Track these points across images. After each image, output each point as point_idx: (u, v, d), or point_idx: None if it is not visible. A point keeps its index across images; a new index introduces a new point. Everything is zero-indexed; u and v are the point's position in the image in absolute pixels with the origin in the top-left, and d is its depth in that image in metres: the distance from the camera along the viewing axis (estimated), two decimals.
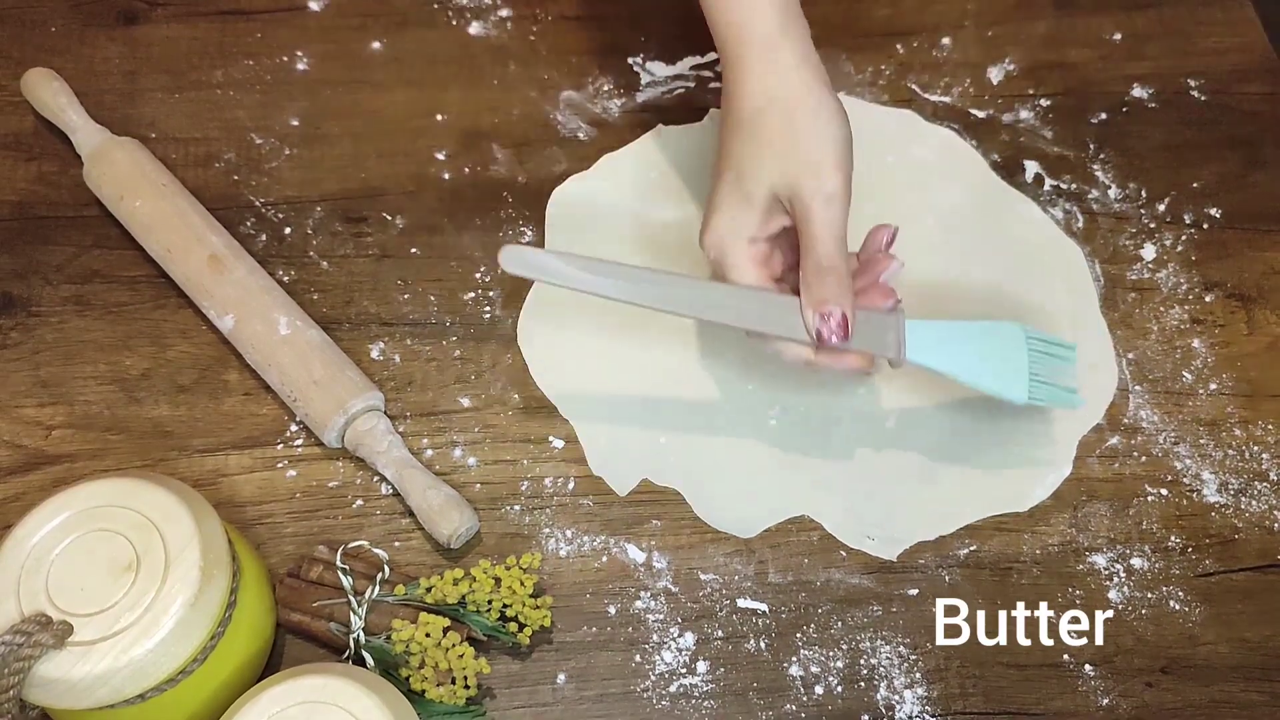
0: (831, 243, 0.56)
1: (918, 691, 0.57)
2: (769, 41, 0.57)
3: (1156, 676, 0.58)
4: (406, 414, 0.64)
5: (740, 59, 0.57)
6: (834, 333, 0.55)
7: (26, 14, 0.77)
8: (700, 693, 0.57)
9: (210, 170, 0.71)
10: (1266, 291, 0.69)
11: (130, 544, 0.49)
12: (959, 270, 0.70)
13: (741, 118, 0.57)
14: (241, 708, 0.48)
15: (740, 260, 0.56)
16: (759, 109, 0.56)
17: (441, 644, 0.54)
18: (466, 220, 0.70)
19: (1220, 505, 0.63)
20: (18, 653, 0.46)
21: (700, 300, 0.55)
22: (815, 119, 0.56)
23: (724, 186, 0.57)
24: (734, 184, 0.56)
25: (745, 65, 0.57)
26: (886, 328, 0.57)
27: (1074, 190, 0.73)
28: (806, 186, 0.55)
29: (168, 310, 0.66)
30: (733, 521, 0.62)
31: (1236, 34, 0.79)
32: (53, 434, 0.63)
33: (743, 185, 0.56)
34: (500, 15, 0.78)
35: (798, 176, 0.55)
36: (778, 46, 0.57)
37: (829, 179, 0.55)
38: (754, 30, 0.57)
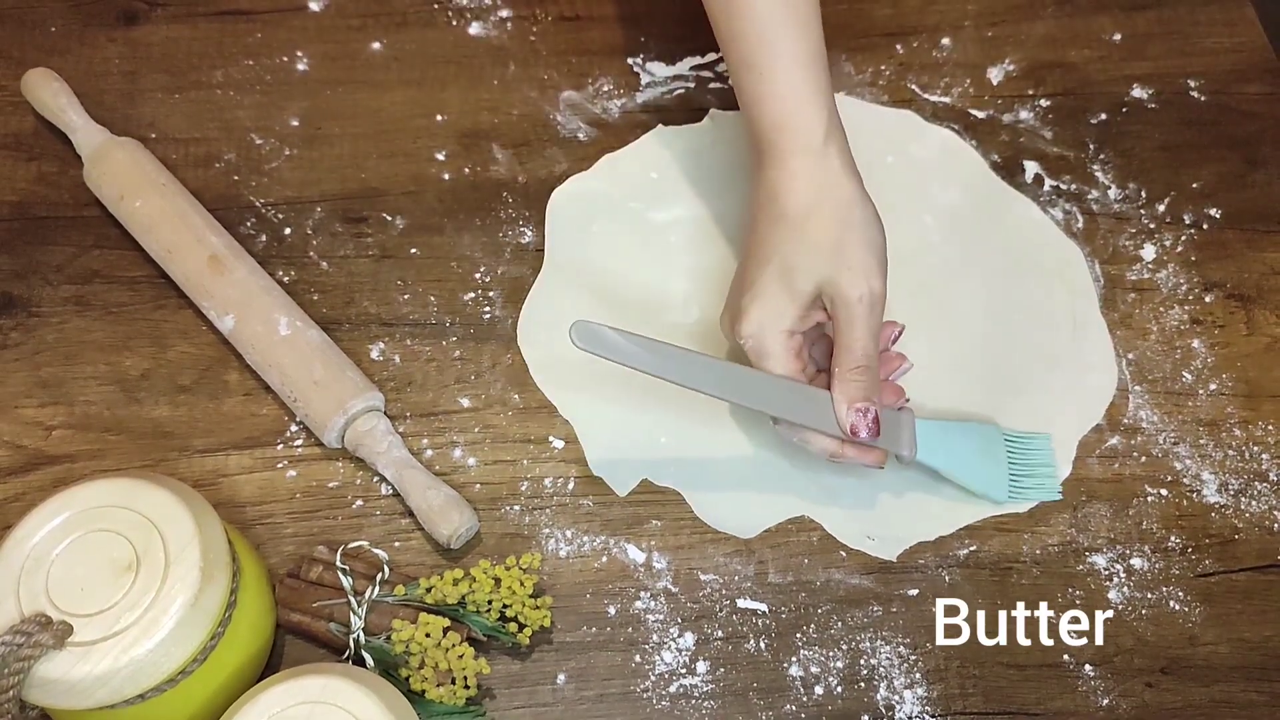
0: (871, 344, 0.58)
1: (918, 692, 0.57)
2: (819, 142, 0.59)
3: (1156, 677, 0.58)
4: (406, 414, 0.64)
5: (788, 155, 0.59)
6: (868, 429, 0.57)
7: (26, 14, 0.77)
8: (700, 693, 0.57)
9: (210, 170, 0.71)
10: (1266, 292, 0.69)
11: (130, 544, 0.49)
12: (959, 270, 0.70)
13: (790, 214, 0.58)
14: (241, 708, 0.48)
15: (778, 351, 0.58)
16: (810, 208, 0.58)
17: (441, 644, 0.54)
18: (466, 220, 0.70)
19: (1220, 505, 0.63)
20: (17, 653, 0.46)
21: (743, 387, 0.57)
22: (865, 225, 0.59)
23: (766, 277, 0.58)
24: (779, 277, 0.58)
25: (794, 164, 0.59)
26: (901, 426, 0.59)
27: (1074, 190, 0.73)
28: (854, 289, 0.57)
29: (168, 310, 0.66)
30: (733, 522, 0.62)
31: (1236, 34, 0.79)
32: (53, 434, 0.63)
33: (789, 279, 0.58)
34: (500, 15, 0.78)
35: (845, 278, 0.57)
36: (828, 148, 0.59)
37: (875, 283, 0.58)
38: (805, 130, 0.59)
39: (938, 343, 0.67)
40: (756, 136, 0.61)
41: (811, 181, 0.59)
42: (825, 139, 0.59)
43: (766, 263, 0.58)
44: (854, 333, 0.57)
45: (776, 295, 0.58)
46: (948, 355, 0.67)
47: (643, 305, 0.68)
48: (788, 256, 0.58)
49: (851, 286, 0.57)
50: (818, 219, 0.58)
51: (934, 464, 0.60)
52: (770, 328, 0.58)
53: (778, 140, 0.59)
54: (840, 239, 0.58)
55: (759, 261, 0.59)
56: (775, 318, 0.58)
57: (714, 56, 0.77)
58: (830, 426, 0.57)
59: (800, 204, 0.58)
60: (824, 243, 0.58)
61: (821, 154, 0.59)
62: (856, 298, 0.57)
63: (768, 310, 0.58)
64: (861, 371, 0.57)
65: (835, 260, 0.57)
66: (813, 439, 0.58)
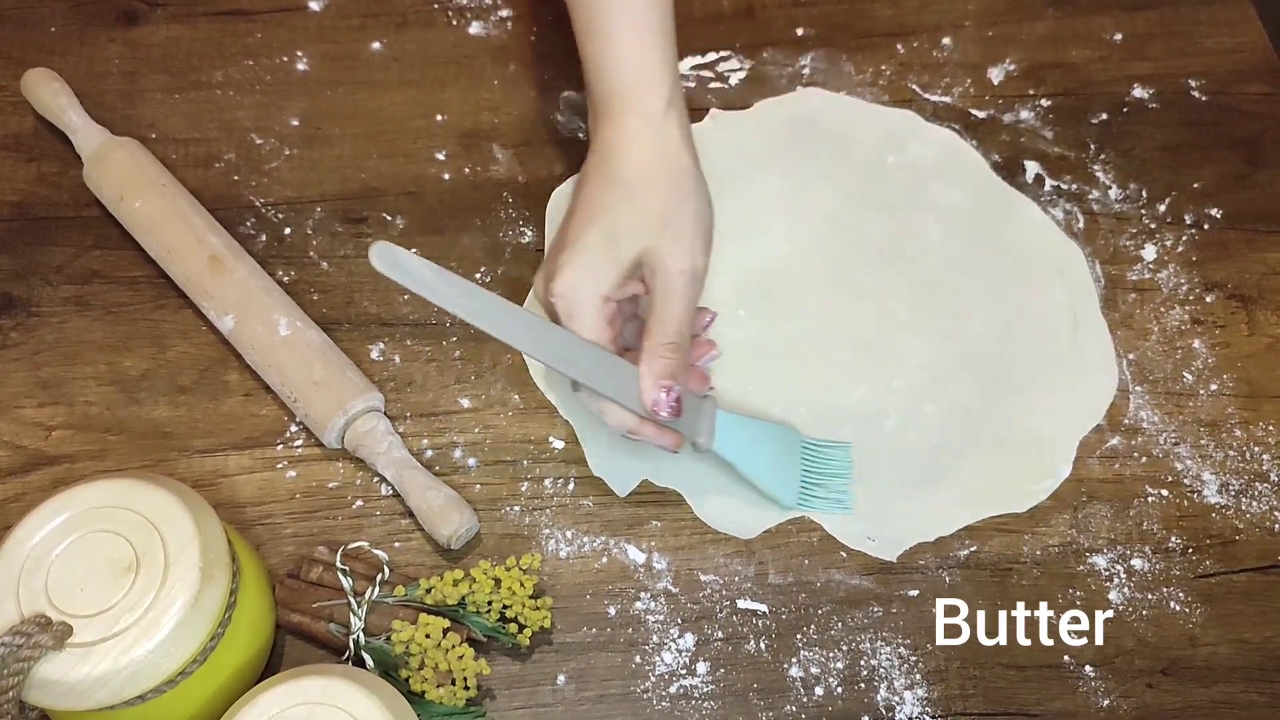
0: (686, 321, 0.56)
1: (918, 692, 0.57)
2: (659, 111, 0.58)
3: (1157, 677, 0.58)
4: (406, 415, 0.64)
5: (627, 119, 0.58)
6: (669, 409, 0.55)
7: (26, 14, 0.77)
8: (700, 694, 0.57)
9: (210, 170, 0.71)
10: (1267, 292, 0.69)
11: (130, 545, 0.49)
12: (959, 270, 0.69)
13: (623, 177, 0.57)
14: (241, 709, 0.48)
15: (590, 314, 0.56)
16: (644, 175, 0.57)
17: (441, 645, 0.54)
18: (466, 220, 0.70)
19: (1221, 506, 0.63)
20: (17, 654, 0.46)
21: (543, 342, 0.55)
22: (697, 199, 0.58)
23: (588, 238, 0.56)
24: (602, 239, 0.56)
25: (632, 128, 0.58)
26: (702, 413, 0.58)
27: (1074, 191, 0.73)
28: (677, 261, 0.56)
29: (168, 311, 0.66)
30: (733, 522, 0.62)
31: (1237, 34, 0.79)
32: (53, 434, 0.63)
33: (612, 242, 0.56)
34: (500, 15, 0.78)
35: (670, 249, 0.56)
36: (668, 119, 0.58)
37: (699, 259, 0.57)
38: (646, 97, 0.58)
39: (938, 343, 0.67)
40: (597, 99, 0.59)
41: (649, 148, 0.58)
42: (666, 109, 0.58)
43: (591, 223, 0.56)
44: (671, 307, 0.56)
45: (596, 256, 0.56)
46: (948, 355, 0.67)
47: None
48: (615, 219, 0.56)
49: (676, 258, 0.56)
50: (651, 186, 0.57)
51: (728, 456, 0.59)
52: (585, 289, 0.55)
53: (618, 105, 0.58)
54: (671, 209, 0.57)
55: (583, 221, 0.57)
56: (592, 279, 0.56)
57: (714, 56, 0.77)
58: (632, 401, 0.56)
59: (635, 169, 0.57)
60: (654, 210, 0.56)
61: (661, 123, 0.58)
62: (678, 270, 0.56)
63: (585, 270, 0.56)
64: (672, 349, 0.55)
65: (663, 229, 0.56)
66: (611, 411, 0.56)
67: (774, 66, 0.75)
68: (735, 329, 0.67)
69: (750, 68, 0.76)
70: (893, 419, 0.65)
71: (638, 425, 0.57)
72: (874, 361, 0.66)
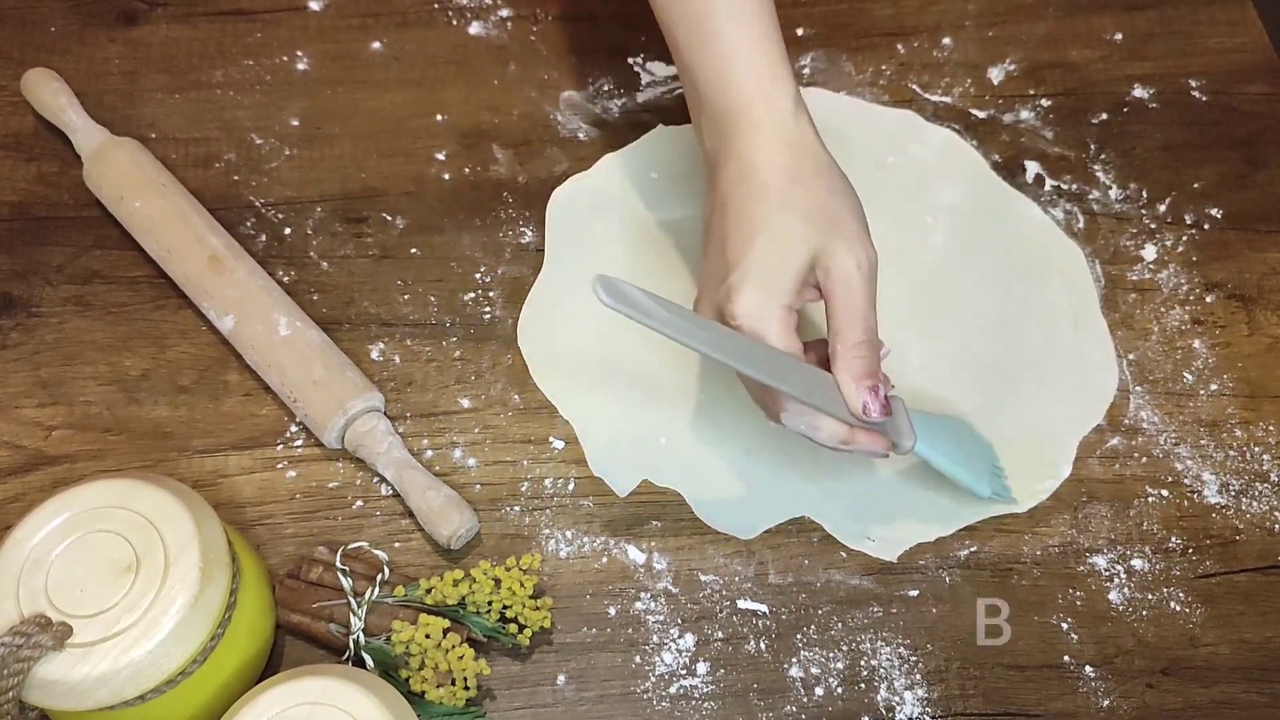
0: (872, 315, 0.55)
1: (918, 693, 0.57)
2: (790, 114, 0.57)
3: (1157, 678, 0.58)
4: (406, 415, 0.64)
5: (763, 128, 0.56)
6: (878, 407, 0.53)
7: (26, 14, 0.77)
8: (700, 694, 0.57)
9: (210, 170, 0.71)
10: (1267, 292, 0.69)
11: (130, 545, 0.49)
12: (959, 270, 0.69)
13: (773, 186, 0.55)
14: (241, 709, 0.48)
15: (778, 329, 0.54)
16: (794, 178, 0.56)
17: (441, 645, 0.54)
18: (466, 220, 0.70)
19: (1221, 506, 0.63)
20: (17, 654, 0.46)
21: (756, 359, 0.53)
22: (848, 193, 0.57)
23: (755, 252, 0.54)
24: (771, 251, 0.54)
25: (770, 136, 0.56)
26: (898, 414, 0.56)
27: (1075, 191, 0.73)
28: (852, 257, 0.54)
29: (168, 311, 0.66)
30: (733, 522, 0.62)
31: (1237, 34, 0.79)
32: (52, 435, 0.63)
33: (782, 252, 0.54)
34: (500, 15, 0.78)
35: (841, 246, 0.54)
36: (800, 119, 0.57)
37: (870, 251, 0.55)
38: (776, 103, 0.57)
39: (938, 343, 0.67)
40: (719, 113, 0.57)
41: (790, 153, 0.56)
42: (796, 110, 0.57)
43: (754, 238, 0.55)
44: (853, 304, 0.54)
45: (770, 269, 0.54)
46: (948, 355, 0.67)
47: None
48: (777, 228, 0.54)
49: (849, 254, 0.54)
50: (804, 189, 0.55)
51: (929, 455, 0.58)
52: (768, 304, 0.54)
53: (748, 116, 0.56)
54: (830, 207, 0.55)
55: (745, 237, 0.55)
56: (771, 292, 0.54)
57: None
58: (840, 409, 0.54)
59: (782, 176, 0.55)
60: (814, 212, 0.55)
61: (795, 124, 0.56)
62: (854, 266, 0.54)
63: (763, 286, 0.54)
64: (867, 346, 0.54)
65: (828, 229, 0.54)
66: (823, 425, 0.54)
67: None
68: None
69: None
70: None
71: (850, 435, 0.55)
72: None
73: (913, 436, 0.56)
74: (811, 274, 0.55)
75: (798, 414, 0.55)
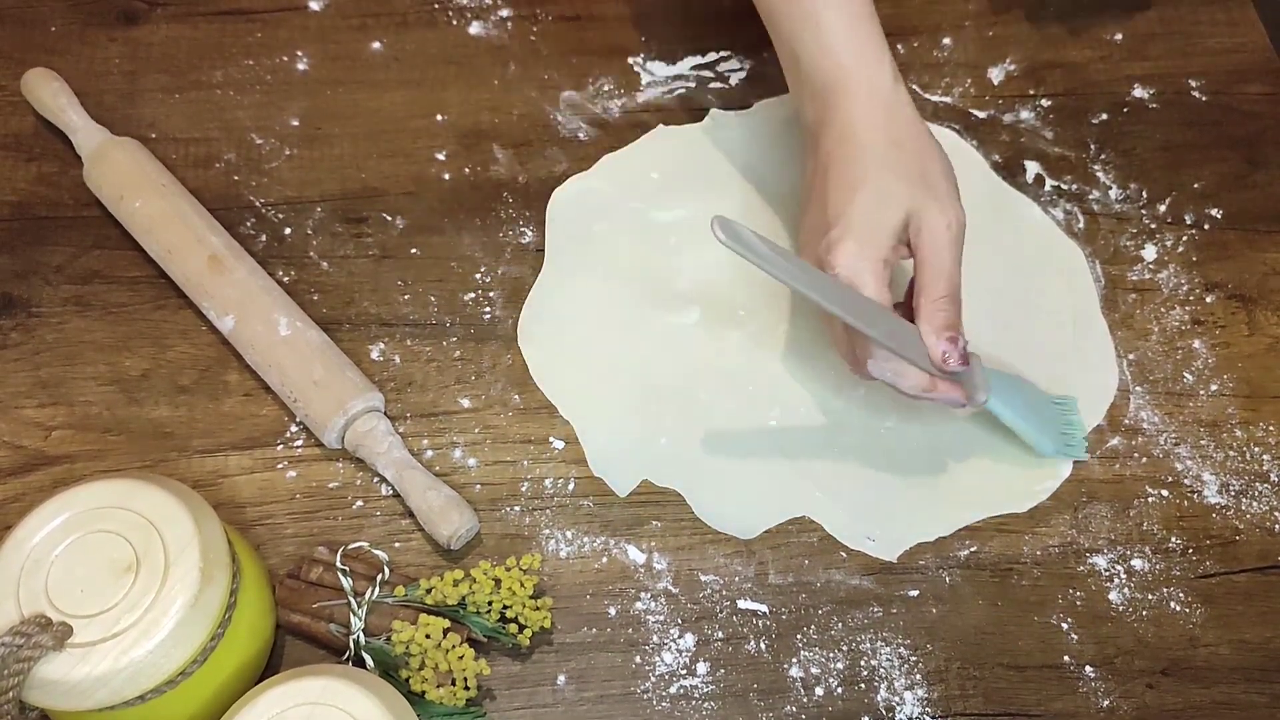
0: (958, 273, 0.58)
1: (918, 693, 0.57)
2: (890, 84, 0.61)
3: (1157, 678, 0.58)
4: (406, 415, 0.64)
5: (864, 96, 0.60)
6: (958, 357, 0.57)
7: (26, 14, 0.77)
8: (700, 694, 0.57)
9: (210, 170, 0.71)
10: (1267, 292, 0.69)
11: (130, 545, 0.49)
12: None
13: (872, 148, 0.59)
14: (241, 709, 0.48)
15: (874, 281, 0.57)
16: (893, 142, 0.59)
17: (441, 645, 0.54)
18: (466, 220, 0.70)
19: (1221, 506, 0.63)
20: (17, 654, 0.46)
21: (854, 306, 0.56)
22: (943, 158, 0.61)
23: (856, 208, 0.58)
24: (871, 207, 0.58)
25: (870, 103, 0.60)
26: (975, 368, 0.59)
27: (1075, 191, 0.73)
28: (943, 216, 0.58)
29: (168, 311, 0.66)
30: (733, 522, 0.62)
31: (1237, 34, 0.79)
32: (52, 435, 0.63)
33: (880, 208, 0.58)
34: (500, 15, 0.78)
35: (934, 206, 0.58)
36: (898, 90, 0.61)
37: (961, 212, 0.59)
38: (875, 73, 0.61)
39: None
40: (820, 84, 0.61)
41: (889, 120, 0.60)
42: (894, 81, 0.61)
43: (854, 194, 0.58)
44: (941, 260, 0.57)
45: (868, 224, 0.57)
46: None
47: (643, 305, 0.68)
48: (878, 186, 0.58)
49: (941, 214, 0.58)
50: (903, 152, 0.59)
51: (1000, 410, 0.61)
52: (866, 256, 0.57)
53: (849, 85, 0.60)
54: (927, 170, 0.59)
55: (845, 194, 0.58)
56: (870, 245, 0.57)
57: (714, 56, 0.77)
58: (922, 359, 0.57)
59: (883, 138, 0.59)
60: (911, 173, 0.58)
61: (893, 95, 0.60)
62: (945, 224, 0.57)
63: (862, 239, 0.57)
64: (950, 300, 0.57)
65: (924, 189, 0.58)
66: (907, 372, 0.58)
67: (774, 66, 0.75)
68: (735, 329, 0.67)
69: (750, 68, 0.76)
70: (892, 419, 0.65)
71: (931, 383, 0.58)
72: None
73: (987, 391, 0.59)
74: (905, 231, 0.58)
75: (884, 362, 0.58)
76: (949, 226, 0.58)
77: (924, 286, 0.58)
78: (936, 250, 0.58)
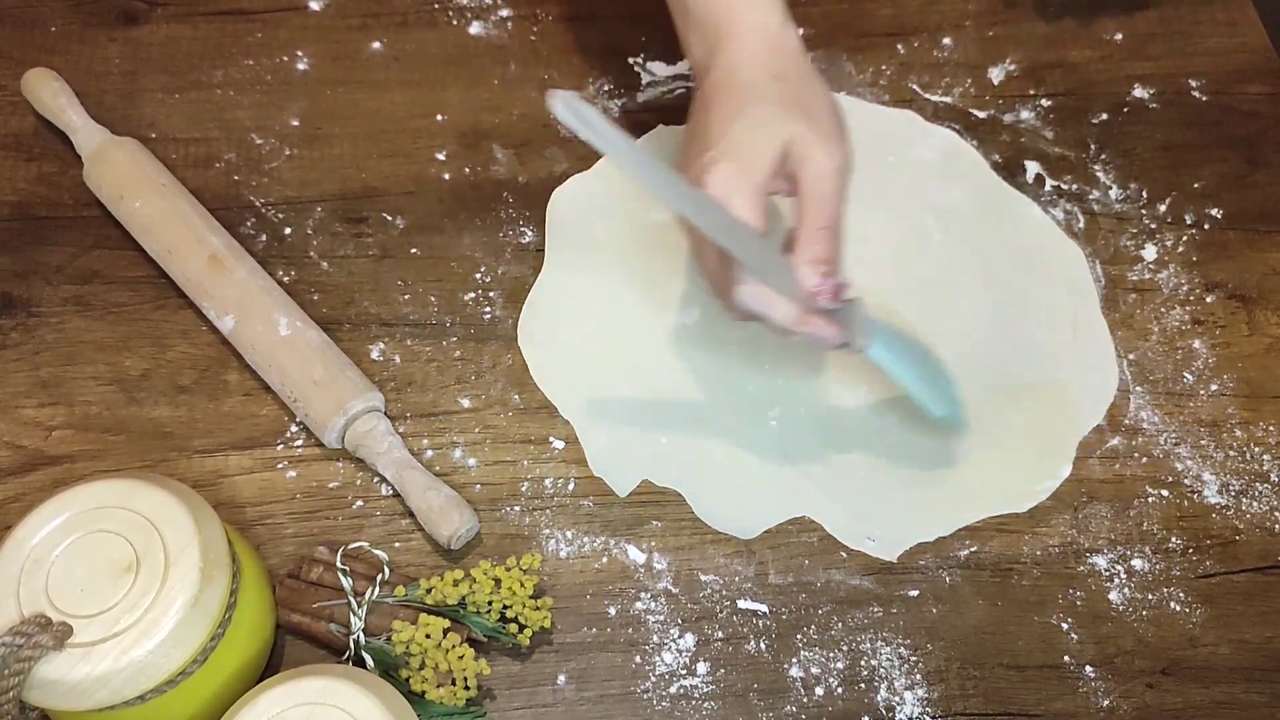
0: (838, 206, 0.56)
1: (918, 693, 0.57)
2: (779, 24, 0.60)
3: (1157, 678, 0.58)
4: (407, 415, 0.64)
5: (749, 34, 0.59)
6: (830, 291, 0.55)
7: (26, 14, 0.77)
8: (700, 694, 0.57)
9: (210, 170, 0.71)
10: (1267, 292, 0.69)
11: (130, 545, 0.49)
12: (959, 270, 0.69)
13: (756, 81, 0.58)
14: (241, 709, 0.48)
15: (748, 204, 0.55)
16: (776, 76, 0.58)
17: (441, 645, 0.54)
18: (466, 220, 0.70)
19: (1221, 506, 0.63)
20: (17, 654, 0.46)
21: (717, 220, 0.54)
22: (827, 94, 0.59)
23: (735, 134, 0.56)
24: (750, 131, 0.56)
25: (755, 41, 0.59)
26: (854, 314, 0.57)
27: (1075, 191, 0.73)
28: (823, 147, 0.56)
29: (168, 311, 0.66)
30: (733, 522, 0.62)
31: (1237, 34, 0.79)
32: (53, 435, 0.63)
33: (760, 134, 0.56)
34: (500, 15, 0.78)
35: (814, 137, 0.56)
36: (785, 31, 0.60)
37: (844, 145, 0.58)
38: (763, 15, 0.60)
39: (938, 343, 0.67)
40: (709, 26, 0.60)
41: (773, 56, 0.59)
42: (783, 23, 0.60)
43: (732, 120, 0.57)
44: (822, 190, 0.56)
45: (745, 148, 0.56)
46: (948, 355, 0.66)
47: (643, 305, 0.68)
48: (756, 113, 0.56)
49: (821, 146, 0.56)
50: (784, 83, 0.58)
51: (885, 362, 0.59)
52: (743, 179, 0.55)
53: (735, 26, 0.59)
54: (808, 101, 0.58)
55: (722, 124, 0.57)
56: (746, 169, 0.55)
57: None
58: (790, 291, 0.55)
59: (764, 72, 0.58)
60: (792, 104, 0.57)
61: (781, 33, 0.59)
62: (825, 154, 0.56)
63: (739, 161, 0.55)
64: (827, 233, 0.55)
65: (805, 120, 0.57)
66: (775, 303, 0.55)
67: None
68: (735, 329, 0.67)
69: None
70: (893, 418, 0.65)
71: (802, 318, 0.56)
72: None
73: (867, 337, 0.57)
74: (785, 164, 0.57)
75: (752, 291, 0.56)
76: (829, 157, 0.56)
77: (802, 216, 0.56)
78: (817, 178, 0.56)
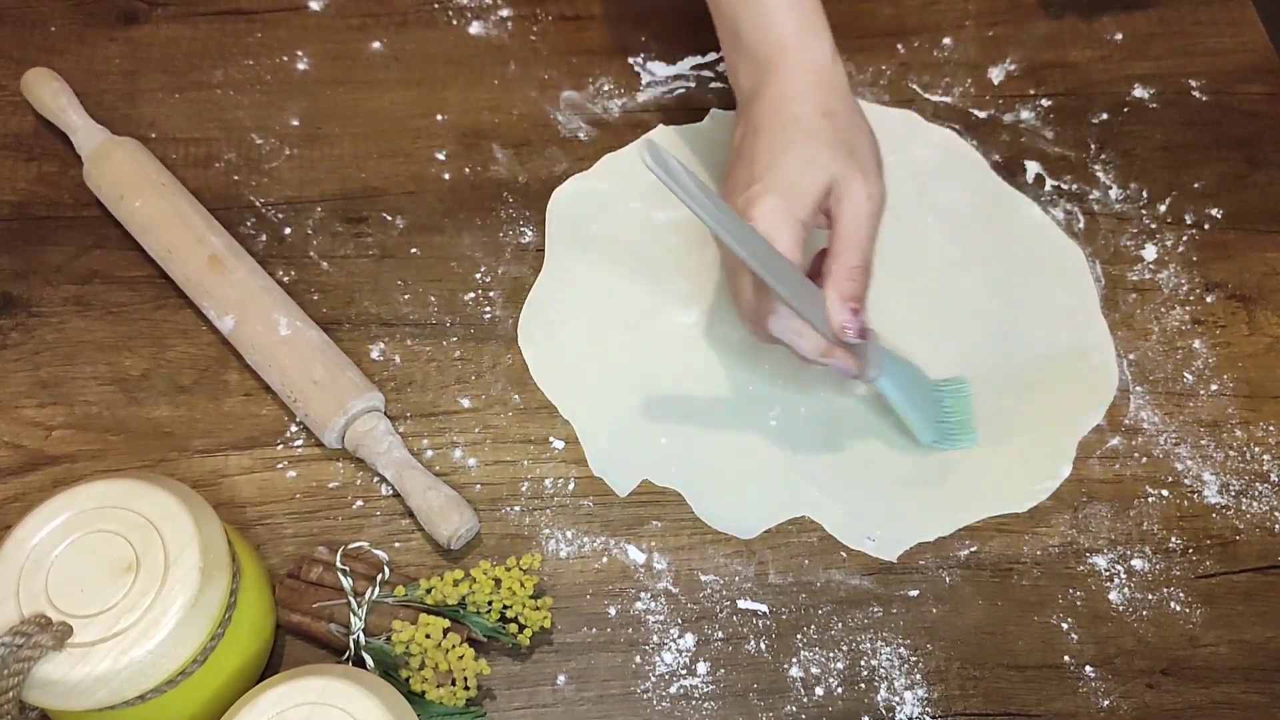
0: (871, 246, 0.59)
1: (918, 693, 0.57)
2: (829, 60, 0.62)
3: (1157, 678, 0.58)
4: (407, 414, 0.64)
5: (800, 69, 0.62)
6: (856, 328, 0.57)
7: (26, 14, 0.77)
8: (700, 694, 0.57)
9: (210, 170, 0.71)
10: (1267, 292, 0.69)
11: (130, 545, 0.49)
12: (959, 270, 0.69)
13: (806, 119, 0.60)
14: (241, 709, 0.48)
15: (790, 239, 0.57)
16: (824, 114, 0.60)
17: (441, 645, 0.54)
18: (466, 220, 0.70)
19: (1221, 506, 0.63)
20: (17, 654, 0.46)
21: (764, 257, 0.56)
22: (871, 136, 0.62)
23: (782, 167, 0.59)
24: (796, 168, 0.59)
25: (806, 77, 0.61)
26: (873, 345, 0.59)
27: (1075, 191, 0.73)
28: (865, 188, 0.59)
29: (168, 310, 0.66)
30: (733, 522, 0.62)
31: (1237, 34, 0.79)
32: (53, 435, 0.63)
33: (805, 171, 0.59)
34: (500, 15, 0.78)
35: (857, 177, 0.59)
36: (835, 66, 0.62)
37: (880, 186, 0.60)
38: (813, 49, 0.62)
39: (938, 343, 0.67)
40: (759, 56, 0.62)
41: (822, 94, 0.61)
42: (832, 58, 0.62)
43: (781, 155, 0.59)
44: (858, 231, 0.58)
45: (792, 183, 0.58)
46: (948, 355, 0.66)
47: (643, 305, 0.68)
48: (805, 151, 0.59)
49: (864, 184, 0.59)
50: (833, 123, 0.60)
51: (889, 390, 0.61)
52: (786, 212, 0.58)
53: (786, 58, 0.62)
54: (854, 142, 0.60)
55: (771, 156, 0.59)
56: (790, 205, 0.58)
57: (714, 56, 0.77)
58: (820, 323, 0.57)
59: (814, 109, 0.60)
60: (839, 143, 0.59)
61: (830, 70, 0.62)
62: (866, 196, 0.58)
63: (784, 195, 0.58)
64: (859, 272, 0.58)
65: (849, 160, 0.59)
66: (806, 335, 0.58)
67: None
68: (735, 329, 0.67)
69: None
70: (893, 417, 0.64)
71: (828, 349, 0.58)
72: None
73: (879, 370, 0.60)
74: (826, 199, 0.59)
75: (785, 320, 0.58)
76: (870, 198, 0.59)
77: (837, 253, 0.58)
78: (855, 219, 0.58)
